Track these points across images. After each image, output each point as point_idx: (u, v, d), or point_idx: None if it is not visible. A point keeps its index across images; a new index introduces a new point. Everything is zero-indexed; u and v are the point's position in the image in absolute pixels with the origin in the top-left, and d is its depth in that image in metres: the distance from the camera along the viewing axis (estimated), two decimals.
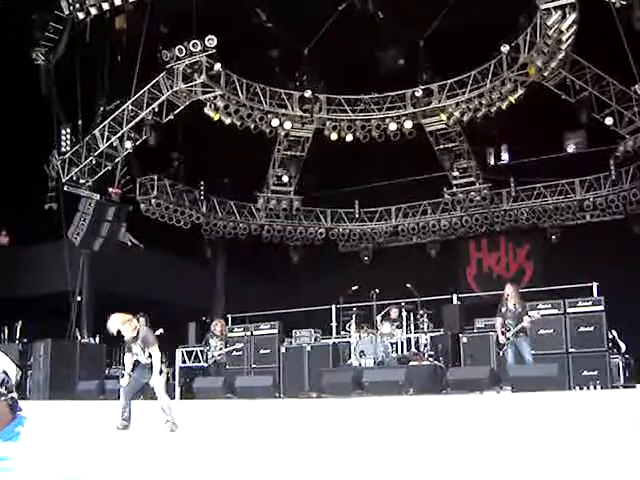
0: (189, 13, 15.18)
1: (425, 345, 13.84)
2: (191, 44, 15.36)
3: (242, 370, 14.66)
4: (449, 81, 17.90)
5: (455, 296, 16.12)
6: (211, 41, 15.23)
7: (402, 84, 18.39)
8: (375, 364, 12.92)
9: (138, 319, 14.60)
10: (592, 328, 13.14)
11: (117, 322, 9.56)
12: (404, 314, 14.25)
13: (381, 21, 16.80)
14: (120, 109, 16.66)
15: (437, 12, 16.37)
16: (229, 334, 15.00)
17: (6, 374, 2.22)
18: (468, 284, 21.25)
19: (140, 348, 9.47)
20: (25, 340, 16.94)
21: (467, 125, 18.20)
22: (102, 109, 17.06)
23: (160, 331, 14.37)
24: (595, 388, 12.42)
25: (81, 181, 17.17)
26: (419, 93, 18.03)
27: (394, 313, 14.25)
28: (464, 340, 13.86)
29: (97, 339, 17.15)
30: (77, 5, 15.06)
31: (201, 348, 16.36)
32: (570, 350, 13.17)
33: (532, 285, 18.80)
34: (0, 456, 2.10)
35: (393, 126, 18.27)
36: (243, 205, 20.73)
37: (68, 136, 17.14)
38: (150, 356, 9.40)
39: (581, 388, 12.51)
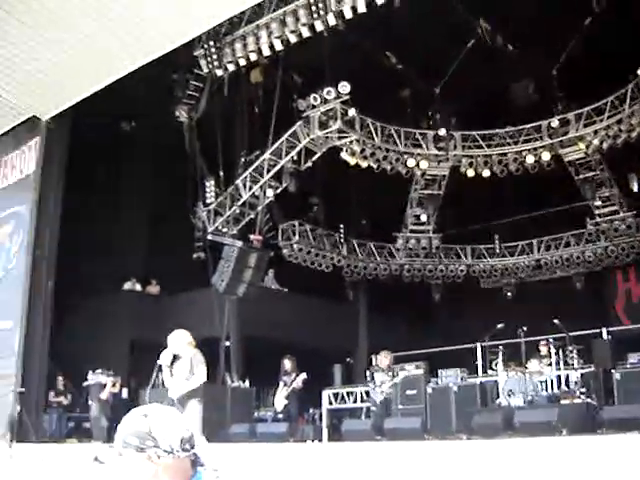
0: (321, 61, 15.58)
1: (576, 382, 13.39)
2: (325, 92, 15.74)
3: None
4: (585, 109, 17.45)
5: (605, 330, 15.56)
6: (344, 87, 15.54)
7: (537, 115, 18.12)
8: (524, 403, 12.64)
9: (284, 361, 14.97)
10: None
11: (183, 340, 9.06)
12: (552, 350, 13.89)
13: (511, 53, 16.71)
14: (260, 159, 17.21)
15: (568, 39, 16.13)
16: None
17: (189, 430, 2.37)
18: (618, 317, 20.48)
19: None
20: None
21: (607, 152, 17.69)
22: (243, 160, 17.68)
23: (304, 376, 14.61)
24: None
25: (225, 230, 17.79)
26: (555, 123, 17.69)
27: (545, 350, 13.93)
28: (617, 376, 13.27)
29: (246, 382, 17.57)
30: (215, 63, 15.73)
31: (348, 389, 16.53)
32: None
33: None
34: None
35: (530, 159, 17.98)
36: (382, 246, 20.88)
37: (212, 188, 17.83)
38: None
39: None
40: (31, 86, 15.19)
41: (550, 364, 13.55)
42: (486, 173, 18.44)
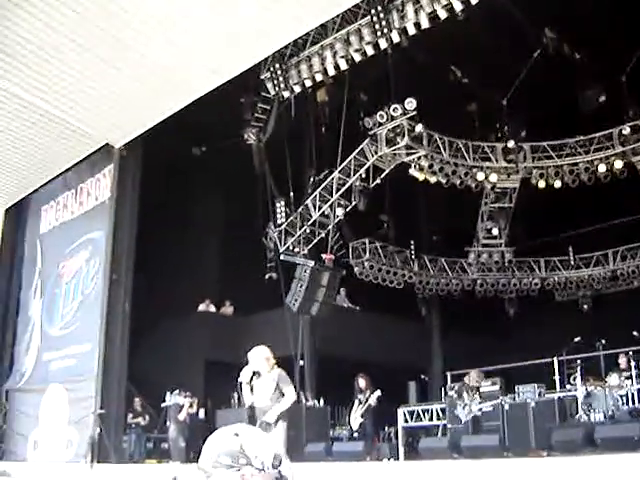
0: (386, 79, 15.63)
1: None
2: (391, 109, 15.77)
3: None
4: None
5: None
6: (411, 104, 15.55)
7: (607, 123, 17.75)
8: (605, 418, 12.33)
9: (357, 379, 14.96)
10: None
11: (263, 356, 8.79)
12: (632, 364, 13.52)
13: (578, 62, 16.47)
14: (329, 178, 17.32)
15: (636, 44, 15.82)
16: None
17: (278, 448, 2.38)
18: None
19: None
20: (253, 404, 17.63)
21: None
22: (312, 180, 17.84)
23: (378, 393, 14.56)
24: None
25: (296, 250, 17.93)
26: (627, 130, 17.25)
27: (622, 363, 13.59)
28: None
29: (321, 401, 17.58)
30: (282, 85, 15.93)
31: (424, 407, 16.41)
32: None
33: None
34: None
35: (602, 168, 17.56)
36: (454, 261, 20.72)
37: (283, 208, 18.04)
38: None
39: None
40: (104, 115, 15.62)
41: (630, 377, 13.19)
42: (557, 184, 18.08)
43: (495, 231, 19.35)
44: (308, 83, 15.81)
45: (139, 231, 16.88)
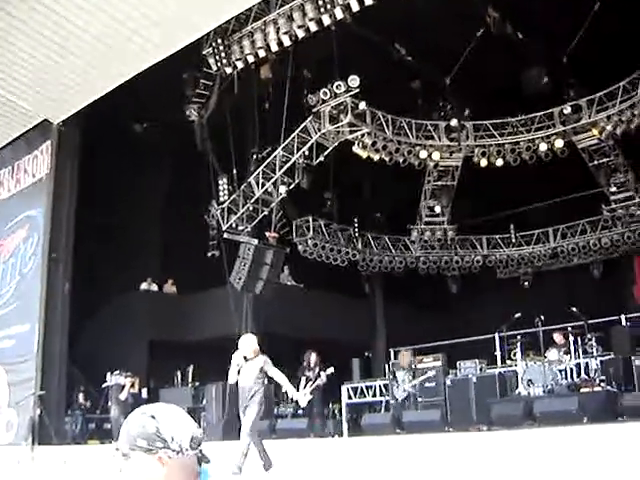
0: (330, 56, 15.53)
1: (595, 370, 13.27)
2: (335, 86, 15.69)
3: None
4: (597, 95, 17.23)
5: (624, 317, 15.40)
6: (354, 81, 15.49)
7: (549, 103, 17.96)
8: (544, 393, 12.56)
9: (310, 355, 14.99)
10: None
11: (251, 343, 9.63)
12: (571, 339, 13.77)
13: (521, 42, 16.59)
14: (272, 156, 17.20)
15: (578, 25, 15.99)
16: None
17: (199, 428, 2.32)
18: (636, 303, 20.29)
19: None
20: (197, 383, 17.60)
21: (621, 138, 17.51)
22: (255, 157, 17.70)
23: (331, 370, 14.58)
24: None
25: (240, 228, 17.79)
26: (567, 110, 17.50)
27: (560, 339, 13.83)
28: (637, 363, 13.15)
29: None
30: (224, 61, 15.69)
31: (367, 383, 16.53)
32: None
33: None
34: None
35: (543, 146, 17.81)
36: (397, 239, 20.84)
37: (225, 186, 17.86)
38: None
39: None
40: (41, 90, 15.25)
41: (568, 352, 13.43)
42: (499, 162, 18.31)
43: (438, 209, 19.50)
44: (251, 59, 15.61)
45: (78, 208, 16.56)
